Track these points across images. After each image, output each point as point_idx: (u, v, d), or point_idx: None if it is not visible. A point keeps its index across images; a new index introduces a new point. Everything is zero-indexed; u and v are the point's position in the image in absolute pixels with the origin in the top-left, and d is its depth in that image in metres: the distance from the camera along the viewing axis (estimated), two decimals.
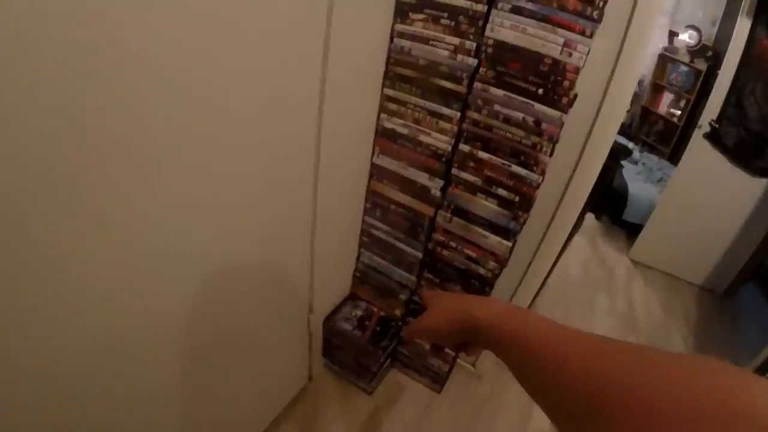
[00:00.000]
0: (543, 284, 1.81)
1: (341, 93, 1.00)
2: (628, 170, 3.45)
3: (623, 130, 4.64)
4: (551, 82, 1.03)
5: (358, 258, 1.45)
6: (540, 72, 1.03)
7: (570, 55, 1.00)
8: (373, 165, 1.28)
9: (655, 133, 4.46)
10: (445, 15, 1.08)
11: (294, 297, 1.23)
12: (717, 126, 2.69)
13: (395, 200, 1.28)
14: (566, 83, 1.02)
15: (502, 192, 1.15)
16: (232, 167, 0.78)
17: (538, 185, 1.12)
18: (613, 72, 1.07)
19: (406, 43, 1.13)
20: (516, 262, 1.34)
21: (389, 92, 1.19)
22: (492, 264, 1.24)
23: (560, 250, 1.49)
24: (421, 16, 1.10)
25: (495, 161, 1.12)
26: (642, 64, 1.13)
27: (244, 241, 0.91)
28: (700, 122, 2.72)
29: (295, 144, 0.95)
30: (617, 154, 1.48)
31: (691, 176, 2.78)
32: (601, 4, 0.96)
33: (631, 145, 4.12)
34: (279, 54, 0.79)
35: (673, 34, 4.28)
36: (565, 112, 1.04)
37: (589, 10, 0.97)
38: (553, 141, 1.07)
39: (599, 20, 0.99)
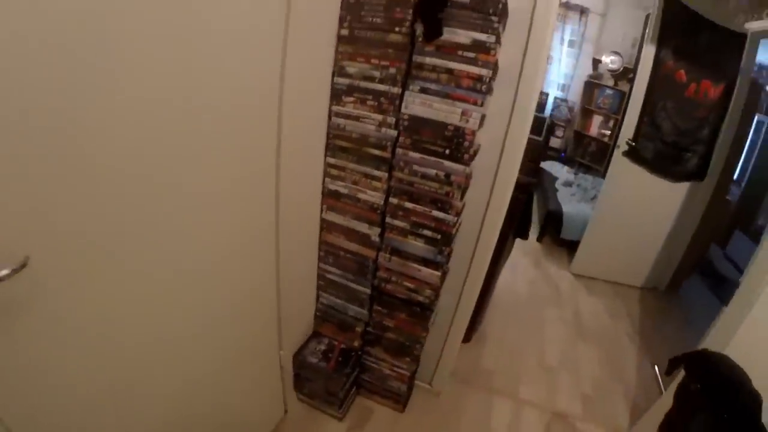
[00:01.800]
0: (485, 303, 2.10)
1: (294, 164, 1.30)
2: (563, 193, 3.88)
3: (558, 156, 5.14)
4: (455, 143, 1.36)
5: (317, 299, 1.71)
6: (445, 136, 1.36)
7: (467, 121, 1.34)
8: (322, 220, 1.57)
9: (590, 154, 4.95)
10: (370, 97, 1.41)
11: (265, 338, 1.47)
12: (634, 144, 3.11)
13: (343, 247, 1.57)
14: (466, 143, 1.35)
15: (426, 232, 1.45)
16: (207, 234, 1.05)
17: (455, 224, 1.43)
18: (508, 126, 1.43)
19: (342, 121, 1.45)
20: (452, 285, 1.65)
21: (331, 160, 1.49)
22: (428, 291, 1.53)
23: (493, 273, 1.80)
24: (351, 99, 1.43)
25: (418, 209, 1.44)
26: (531, 118, 1.48)
27: (220, 295, 1.16)
28: (618, 142, 3.16)
29: (259, 207, 1.23)
30: (527, 187, 1.82)
31: (617, 191, 3.15)
32: (488, 80, 1.30)
33: (566, 168, 4.60)
34: (241, 138, 1.07)
35: (597, 62, 4.86)
36: (468, 165, 1.37)
37: (479, 86, 1.31)
38: (462, 188, 1.39)
39: (488, 92, 1.34)
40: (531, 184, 1.88)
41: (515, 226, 1.92)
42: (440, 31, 1.28)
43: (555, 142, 5.26)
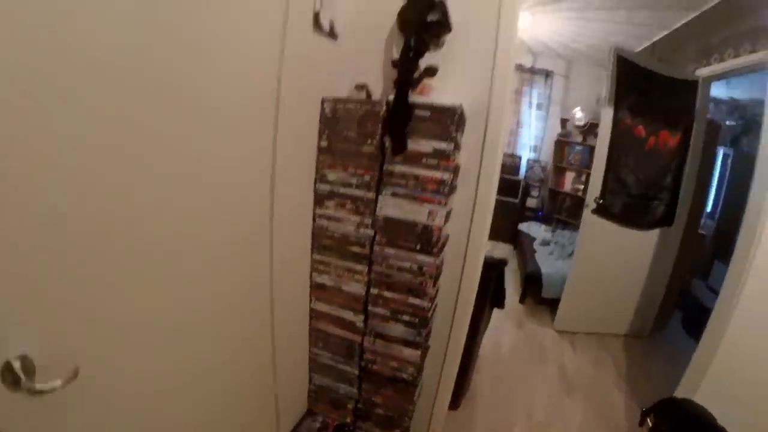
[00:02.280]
0: (470, 370, 2.25)
1: (285, 262, 1.48)
2: (541, 253, 4.06)
3: (535, 216, 5.37)
4: (424, 239, 1.55)
5: (310, 380, 1.85)
6: (416, 234, 1.56)
7: (434, 219, 1.53)
8: (312, 309, 1.74)
9: (566, 210, 5.19)
10: (349, 201, 1.61)
11: (263, 418, 1.61)
12: (602, 201, 3.32)
13: (332, 333, 1.73)
14: (434, 238, 1.54)
15: (405, 317, 1.62)
16: (211, 330, 1.21)
17: (430, 308, 1.61)
18: (472, 218, 1.63)
19: (325, 222, 1.65)
20: (434, 359, 1.81)
21: (317, 257, 1.68)
22: (411, 369, 1.69)
23: (473, 342, 1.96)
24: (332, 203, 1.63)
25: (396, 297, 1.61)
26: (491, 209, 1.69)
27: (221, 381, 1.31)
28: (586, 201, 3.37)
29: (254, 303, 1.40)
30: (498, 265, 2.01)
31: (590, 246, 3.32)
32: (450, 182, 1.51)
33: (543, 227, 4.80)
34: (238, 242, 1.25)
35: (564, 121, 5.19)
36: (437, 257, 1.56)
37: (442, 188, 1.51)
38: (434, 277, 1.57)
39: (451, 193, 1.55)
40: (501, 263, 2.07)
41: (490, 298, 2.10)
42: (405, 146, 1.50)
43: (531, 202, 5.53)
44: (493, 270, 1.96)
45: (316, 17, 1.45)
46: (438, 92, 1.64)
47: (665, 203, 3.44)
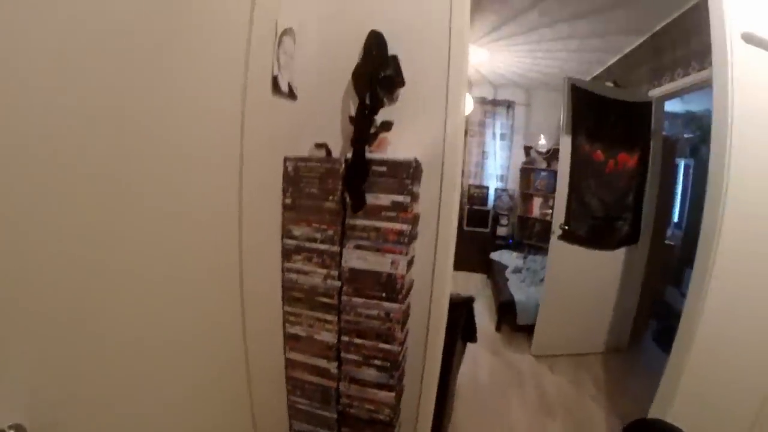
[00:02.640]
0: (448, 405, 2.32)
1: (257, 315, 1.54)
2: (513, 281, 4.18)
3: (506, 243, 5.52)
4: (389, 287, 1.64)
5: (290, 427, 1.91)
6: (381, 282, 1.65)
7: (396, 268, 1.63)
8: (287, 359, 1.80)
9: (536, 235, 5.36)
10: (315, 255, 1.70)
11: None
12: (567, 227, 3.46)
13: (308, 380, 1.80)
14: (398, 286, 1.64)
15: (377, 362, 1.70)
16: (185, 391, 1.27)
17: (400, 352, 1.69)
18: (434, 263, 1.74)
19: (294, 275, 1.73)
20: (410, 398, 1.89)
21: (288, 308, 1.76)
22: (387, 410, 1.76)
23: (448, 378, 2.05)
24: (300, 257, 1.72)
25: (367, 344, 1.70)
26: (452, 253, 1.80)
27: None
28: (552, 228, 3.50)
29: (229, 351, 1.46)
30: (466, 302, 2.11)
31: (559, 270, 3.43)
32: (408, 232, 1.61)
33: (515, 254, 4.94)
34: (207, 297, 1.31)
35: (528, 148, 5.39)
36: (402, 303, 1.65)
37: (402, 238, 1.62)
38: (401, 322, 1.66)
39: (411, 242, 1.65)
40: (468, 300, 2.18)
41: (462, 334, 2.20)
42: (363, 203, 1.60)
43: (502, 231, 5.71)
44: (460, 307, 2.06)
45: (275, 80, 1.56)
46: (395, 145, 1.77)
47: (629, 222, 3.60)
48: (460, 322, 2.13)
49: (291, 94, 1.69)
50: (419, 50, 1.75)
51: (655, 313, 4.04)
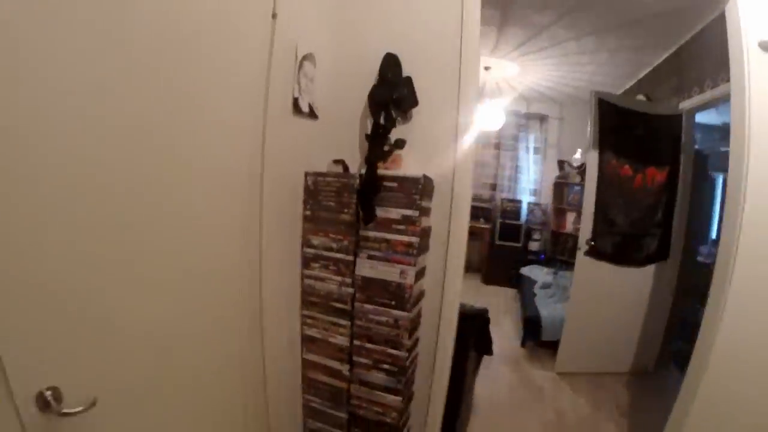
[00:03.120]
0: (461, 414, 2.40)
1: (276, 318, 1.70)
2: (541, 296, 4.19)
3: (538, 259, 5.49)
4: (398, 295, 1.76)
5: (305, 425, 2.04)
6: (390, 291, 1.77)
7: (405, 278, 1.75)
8: (303, 359, 1.95)
9: (568, 251, 5.28)
10: (331, 263, 1.84)
11: None
12: (593, 243, 3.46)
13: (321, 381, 1.93)
14: (407, 295, 1.76)
15: (385, 366, 1.82)
16: (207, 388, 1.43)
17: (407, 357, 1.80)
18: (444, 276, 1.85)
19: (311, 282, 1.88)
20: (419, 405, 1.99)
21: (305, 312, 1.90)
22: (394, 414, 1.87)
23: (462, 388, 2.14)
24: (317, 265, 1.86)
25: (377, 348, 1.82)
26: (461, 268, 1.90)
27: (220, 422, 1.52)
28: (579, 245, 3.51)
29: (248, 352, 1.61)
30: (480, 315, 2.20)
31: (586, 287, 3.43)
32: (417, 245, 1.73)
33: (545, 270, 4.92)
34: (226, 300, 1.48)
35: (561, 162, 5.38)
36: (410, 311, 1.76)
37: (410, 250, 1.73)
38: (409, 330, 1.78)
39: (420, 253, 1.77)
40: (481, 312, 2.27)
41: (476, 346, 2.29)
42: (374, 216, 1.73)
43: (534, 246, 5.69)
44: (473, 319, 2.15)
45: (296, 101, 1.72)
46: (408, 162, 1.90)
47: (658, 239, 3.56)
48: (473, 334, 2.21)
49: (312, 114, 1.85)
50: (432, 71, 1.88)
51: (683, 335, 3.94)
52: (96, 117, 0.92)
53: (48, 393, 0.84)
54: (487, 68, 4.44)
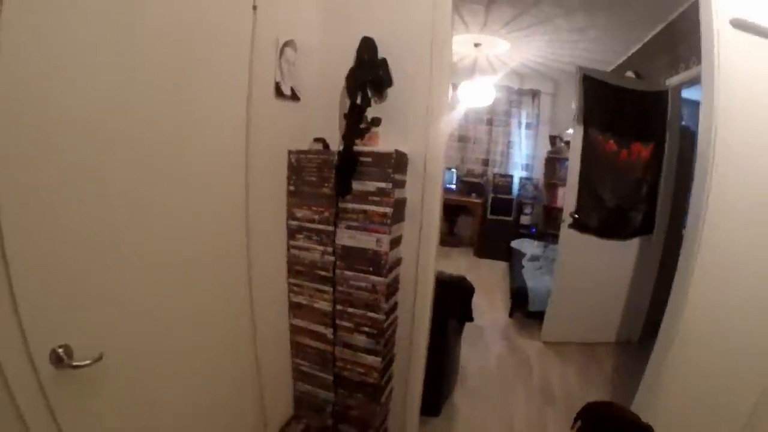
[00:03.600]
0: (446, 376, 2.56)
1: (265, 286, 1.85)
2: (529, 268, 4.33)
3: (529, 233, 5.61)
4: (374, 262, 1.91)
5: (294, 388, 2.22)
6: (368, 258, 1.92)
7: (381, 246, 1.90)
8: (291, 325, 2.11)
9: (559, 225, 5.42)
10: (314, 234, 1.99)
11: (251, 420, 1.97)
12: (578, 216, 3.58)
13: (309, 344, 2.10)
14: (382, 261, 1.90)
15: (365, 329, 1.98)
16: (203, 344, 1.59)
17: (385, 320, 1.96)
18: (419, 245, 2.00)
19: (296, 252, 2.03)
20: (400, 368, 2.16)
21: (292, 280, 2.06)
22: (375, 374, 2.03)
23: (444, 351, 2.30)
24: (301, 236, 2.02)
25: (357, 312, 1.97)
26: (435, 239, 2.04)
27: (214, 384, 1.68)
28: (563, 217, 3.64)
29: (237, 321, 1.77)
30: (457, 282, 2.35)
31: (571, 259, 3.54)
32: (390, 215, 1.87)
33: (536, 243, 5.04)
34: (218, 271, 1.64)
35: (553, 138, 5.47)
36: (386, 277, 1.91)
37: (385, 220, 1.88)
38: (385, 294, 1.93)
39: (394, 223, 1.91)
40: (459, 280, 2.42)
41: (456, 312, 2.44)
42: (349, 190, 1.87)
43: (525, 220, 5.80)
44: (451, 286, 2.30)
45: (278, 86, 1.85)
46: (384, 139, 2.03)
47: (643, 213, 3.66)
48: (452, 300, 2.36)
49: (294, 97, 1.98)
50: (406, 52, 1.99)
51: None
52: (105, 113, 1.06)
53: (60, 350, 0.99)
54: (477, 45, 4.51)
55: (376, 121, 1.99)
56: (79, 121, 1.01)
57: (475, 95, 4.72)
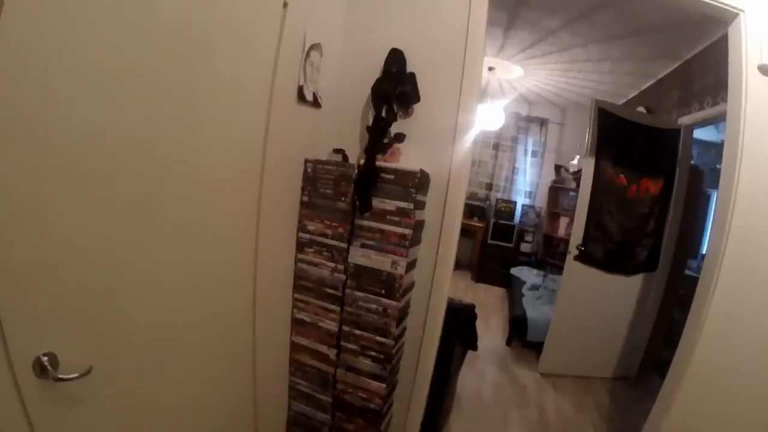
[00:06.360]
0: (445, 406, 2.48)
1: (269, 300, 1.77)
2: (529, 297, 4.29)
3: (529, 260, 5.59)
4: (388, 285, 1.84)
5: (289, 407, 2.12)
6: (381, 280, 1.85)
7: (396, 268, 1.83)
8: (291, 342, 2.02)
9: (559, 255, 5.38)
10: (325, 249, 1.91)
11: None
12: (584, 248, 3.55)
13: (309, 364, 2.01)
14: (397, 285, 1.83)
15: (372, 353, 1.90)
16: (200, 360, 1.50)
17: (394, 346, 1.88)
18: (434, 270, 1.93)
19: (304, 266, 1.95)
20: (403, 394, 2.08)
21: (297, 296, 1.98)
22: (378, 400, 1.95)
23: (447, 380, 2.22)
24: (311, 250, 1.94)
25: (365, 335, 1.89)
26: (451, 264, 1.98)
27: (207, 400, 1.58)
28: (569, 249, 3.60)
29: (237, 333, 1.69)
30: (466, 310, 2.29)
31: (573, 291, 3.51)
32: (410, 237, 1.80)
33: (535, 272, 5.02)
34: (223, 286, 1.55)
35: (558, 167, 5.48)
36: (399, 301, 1.84)
37: (403, 242, 1.81)
38: (396, 319, 1.85)
39: (412, 245, 1.84)
40: (468, 307, 2.35)
41: (462, 339, 2.37)
42: (369, 207, 1.80)
43: (525, 247, 5.80)
44: (460, 314, 2.24)
45: (300, 90, 1.78)
46: (407, 156, 1.97)
47: (648, 249, 3.66)
48: (459, 327, 2.30)
49: (315, 103, 1.92)
50: (436, 69, 1.95)
51: (667, 344, 4.05)
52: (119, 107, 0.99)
53: (44, 358, 0.88)
54: (491, 69, 4.51)
55: (400, 137, 1.93)
56: (79, 121, 0.93)
57: (486, 118, 4.71)
